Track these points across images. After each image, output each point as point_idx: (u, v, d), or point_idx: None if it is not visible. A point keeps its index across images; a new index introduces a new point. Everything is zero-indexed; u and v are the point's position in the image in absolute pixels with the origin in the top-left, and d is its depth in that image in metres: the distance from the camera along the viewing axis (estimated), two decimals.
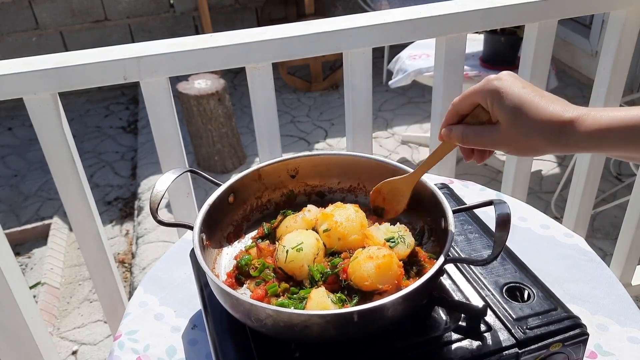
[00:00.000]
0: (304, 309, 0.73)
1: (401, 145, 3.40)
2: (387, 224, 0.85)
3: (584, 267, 0.99)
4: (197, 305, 0.95)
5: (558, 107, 0.68)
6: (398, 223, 0.85)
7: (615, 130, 0.65)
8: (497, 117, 0.70)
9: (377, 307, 0.66)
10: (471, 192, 1.21)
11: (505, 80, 0.70)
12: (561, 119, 0.67)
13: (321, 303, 0.72)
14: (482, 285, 0.82)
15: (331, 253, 0.83)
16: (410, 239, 0.82)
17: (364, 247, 0.80)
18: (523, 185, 1.70)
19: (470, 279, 0.83)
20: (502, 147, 0.71)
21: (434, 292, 0.79)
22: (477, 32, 2.62)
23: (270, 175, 0.96)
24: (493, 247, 0.69)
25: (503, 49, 2.53)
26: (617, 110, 0.66)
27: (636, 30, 1.49)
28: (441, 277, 0.82)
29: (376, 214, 0.90)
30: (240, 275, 0.83)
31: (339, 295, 0.75)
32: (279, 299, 0.76)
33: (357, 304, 0.74)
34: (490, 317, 0.76)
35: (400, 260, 0.77)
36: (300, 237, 0.81)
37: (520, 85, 0.69)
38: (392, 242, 0.80)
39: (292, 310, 0.68)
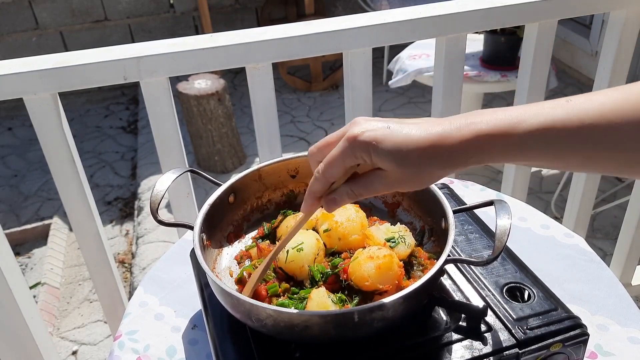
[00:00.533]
0: (304, 309, 0.73)
1: None
2: (387, 224, 0.85)
3: (584, 267, 0.99)
4: (197, 305, 0.95)
5: (435, 128, 0.60)
6: (398, 223, 0.85)
7: (495, 137, 0.58)
8: (381, 166, 0.62)
9: (378, 307, 0.66)
10: (471, 192, 1.21)
11: (369, 129, 0.61)
12: (444, 138, 0.59)
13: (321, 303, 0.72)
14: (483, 286, 0.82)
15: (331, 253, 0.83)
16: (410, 239, 0.82)
17: (364, 247, 0.80)
18: (523, 185, 1.70)
19: (471, 279, 0.83)
20: (397, 189, 0.65)
21: (434, 292, 0.79)
22: (477, 32, 2.62)
23: (271, 175, 0.96)
24: (493, 248, 0.69)
25: (503, 49, 2.53)
26: (497, 112, 0.59)
27: (636, 30, 1.49)
28: (441, 277, 0.82)
29: None
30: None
31: (339, 295, 0.75)
32: (279, 299, 0.76)
33: (358, 304, 0.74)
34: (490, 318, 0.76)
35: (400, 261, 0.77)
36: (300, 237, 0.81)
37: (383, 124, 0.62)
38: (393, 242, 0.80)
39: (292, 310, 0.68)
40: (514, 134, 0.58)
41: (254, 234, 0.93)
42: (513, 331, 0.74)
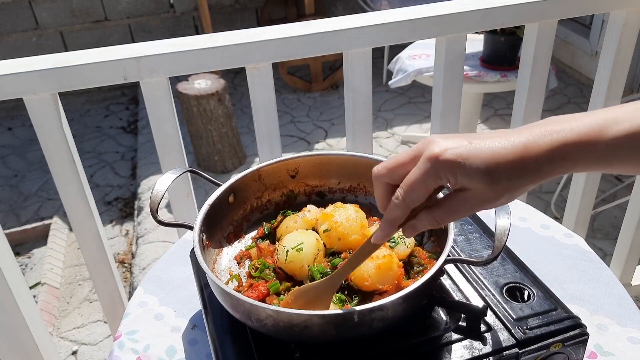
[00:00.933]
0: None
1: (401, 145, 3.40)
2: None
3: (584, 267, 0.99)
4: (197, 305, 0.95)
5: (518, 138, 0.57)
6: None
7: (583, 145, 0.56)
8: (466, 186, 0.58)
9: (377, 307, 0.66)
10: None
11: (450, 147, 0.58)
12: (530, 149, 0.57)
13: None
14: (482, 286, 0.82)
15: (331, 253, 0.83)
16: (410, 239, 0.82)
17: None
18: None
19: (470, 279, 0.83)
20: (483, 208, 0.61)
21: (434, 292, 0.79)
22: (477, 32, 2.62)
23: (270, 175, 0.96)
24: (493, 248, 0.69)
25: (503, 49, 2.53)
26: (577, 119, 0.57)
27: (636, 30, 1.49)
28: (441, 277, 0.82)
29: None
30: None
31: (339, 295, 0.75)
32: (282, 297, 0.76)
33: (358, 304, 0.74)
34: (490, 317, 0.76)
35: (400, 261, 0.77)
36: (300, 237, 0.81)
37: (463, 141, 0.58)
38: (392, 242, 0.80)
39: (292, 310, 0.68)
40: (601, 141, 0.56)
41: (253, 234, 0.93)
42: (513, 331, 0.74)
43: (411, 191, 0.59)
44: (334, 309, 0.71)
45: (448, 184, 0.59)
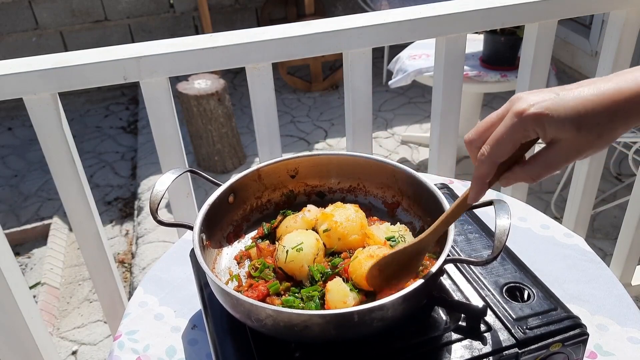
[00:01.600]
0: (319, 306, 0.73)
1: (401, 145, 3.40)
2: (387, 224, 0.85)
3: (584, 267, 0.99)
4: (197, 305, 0.95)
5: (606, 84, 0.58)
6: (398, 223, 0.85)
7: None
8: (556, 138, 0.58)
9: (377, 307, 0.66)
10: None
11: (537, 101, 0.58)
12: (621, 92, 0.57)
13: (341, 291, 0.73)
14: (482, 285, 0.82)
15: (331, 253, 0.83)
16: (410, 239, 0.82)
17: (364, 247, 0.80)
18: (523, 185, 1.70)
19: (470, 279, 0.83)
20: (576, 158, 0.61)
21: (434, 292, 0.79)
22: (477, 32, 2.62)
23: (270, 175, 0.96)
24: (493, 247, 0.69)
25: (503, 49, 2.53)
26: None
27: (636, 30, 1.49)
28: (441, 277, 0.82)
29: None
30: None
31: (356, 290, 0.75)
32: (283, 297, 0.77)
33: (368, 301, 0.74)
34: (490, 317, 0.76)
35: None
36: (300, 237, 0.81)
37: (550, 94, 0.58)
38: (393, 241, 0.80)
39: (292, 310, 0.68)
40: None
41: (253, 234, 0.93)
42: (513, 331, 0.74)
43: (497, 146, 0.60)
44: (338, 309, 0.71)
45: (538, 137, 0.59)
